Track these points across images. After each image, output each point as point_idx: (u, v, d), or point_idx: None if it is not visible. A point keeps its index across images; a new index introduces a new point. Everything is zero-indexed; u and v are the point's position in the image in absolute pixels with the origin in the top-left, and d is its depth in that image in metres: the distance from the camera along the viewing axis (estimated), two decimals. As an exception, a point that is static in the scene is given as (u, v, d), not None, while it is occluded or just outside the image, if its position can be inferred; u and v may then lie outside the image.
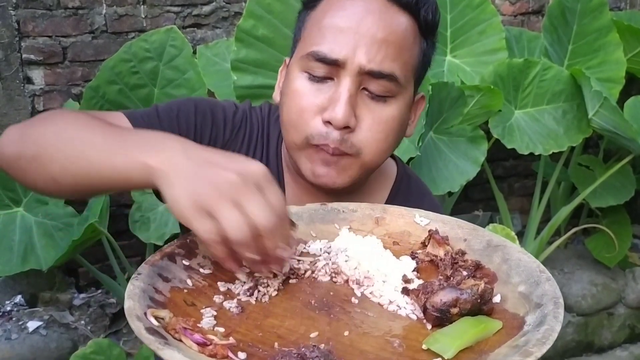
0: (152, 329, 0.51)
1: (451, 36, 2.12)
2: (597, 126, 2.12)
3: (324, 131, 0.75)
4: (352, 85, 0.75)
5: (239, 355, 0.53)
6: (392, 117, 0.78)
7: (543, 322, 0.54)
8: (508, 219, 2.40)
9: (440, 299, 0.58)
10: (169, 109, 0.84)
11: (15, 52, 1.90)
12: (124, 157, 0.63)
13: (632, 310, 2.48)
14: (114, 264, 1.93)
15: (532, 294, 0.60)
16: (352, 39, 0.74)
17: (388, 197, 0.91)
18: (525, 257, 0.66)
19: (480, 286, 0.58)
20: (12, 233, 1.77)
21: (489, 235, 0.71)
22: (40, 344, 1.79)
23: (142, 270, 0.60)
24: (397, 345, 0.56)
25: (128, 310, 0.53)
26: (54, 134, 0.68)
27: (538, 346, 0.51)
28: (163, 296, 0.59)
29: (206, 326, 0.57)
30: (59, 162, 0.66)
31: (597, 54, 2.20)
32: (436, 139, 2.00)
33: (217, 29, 2.14)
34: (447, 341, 0.55)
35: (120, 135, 0.67)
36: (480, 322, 0.57)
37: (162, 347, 0.49)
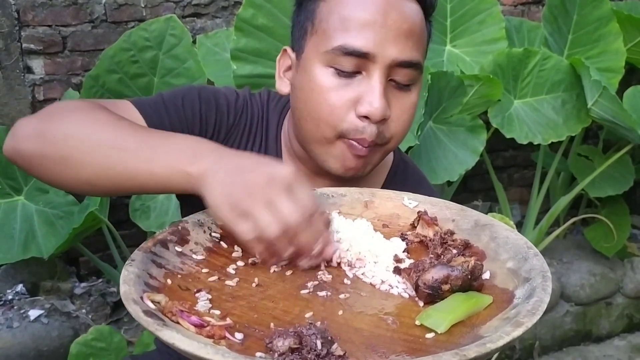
0: (149, 311, 0.52)
1: (451, 26, 2.12)
2: (596, 116, 2.12)
3: (360, 125, 0.76)
4: (382, 77, 0.76)
5: (235, 336, 0.54)
6: (414, 103, 0.81)
7: (532, 294, 0.56)
8: (507, 209, 2.41)
9: (432, 276, 0.59)
10: (174, 98, 0.84)
11: (15, 42, 1.90)
12: (163, 164, 0.66)
13: (631, 300, 2.49)
14: (115, 252, 1.94)
15: (521, 269, 0.62)
16: (380, 32, 0.74)
17: (384, 182, 0.92)
18: (512, 235, 0.67)
19: (470, 263, 0.60)
20: (13, 221, 1.78)
21: (477, 215, 0.73)
22: (41, 332, 1.81)
23: (136, 256, 0.61)
24: (391, 322, 0.57)
25: (124, 294, 0.54)
26: (83, 136, 0.69)
27: (528, 317, 0.52)
28: (157, 281, 0.60)
29: (202, 309, 0.58)
30: (92, 167, 0.68)
31: (597, 44, 2.20)
32: (435, 129, 2.00)
33: (217, 19, 2.13)
34: (439, 316, 0.56)
35: (153, 139, 0.69)
36: (471, 298, 0.59)
37: (161, 328, 0.49)
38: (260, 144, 0.89)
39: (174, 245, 0.66)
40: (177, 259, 0.65)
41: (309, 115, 0.79)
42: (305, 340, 0.50)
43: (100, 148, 0.68)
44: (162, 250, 0.64)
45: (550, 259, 2.48)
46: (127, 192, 0.73)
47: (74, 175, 0.69)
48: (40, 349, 1.78)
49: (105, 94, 1.78)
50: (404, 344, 0.54)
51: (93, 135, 0.69)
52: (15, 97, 1.93)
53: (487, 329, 0.54)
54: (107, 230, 1.88)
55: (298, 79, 0.81)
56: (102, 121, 0.70)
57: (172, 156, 0.66)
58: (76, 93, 1.88)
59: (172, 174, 0.65)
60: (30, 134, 0.71)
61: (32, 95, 1.97)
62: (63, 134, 0.69)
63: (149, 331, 0.50)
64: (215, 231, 0.71)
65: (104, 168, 0.68)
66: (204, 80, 1.86)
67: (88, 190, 0.72)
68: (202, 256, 0.67)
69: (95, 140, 0.68)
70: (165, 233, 0.67)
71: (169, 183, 0.66)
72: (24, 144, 0.71)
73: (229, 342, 0.53)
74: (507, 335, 0.49)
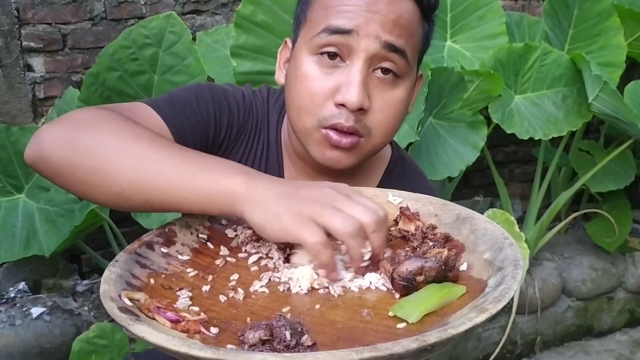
0: (124, 308, 0.53)
1: (451, 21, 2.12)
2: (597, 111, 2.12)
3: (336, 113, 0.76)
4: (364, 66, 0.75)
5: (211, 330, 0.55)
6: (400, 98, 0.79)
7: (501, 282, 0.56)
8: (508, 205, 2.41)
9: (406, 268, 0.60)
10: (187, 98, 0.83)
11: (15, 40, 1.90)
12: (209, 181, 0.64)
13: (632, 295, 2.50)
14: (116, 250, 1.95)
15: (496, 259, 0.62)
16: (364, 15, 0.74)
17: (382, 178, 0.92)
18: (491, 227, 0.68)
19: (443, 253, 0.60)
20: (15, 219, 1.78)
21: (459, 209, 0.73)
22: (44, 329, 1.81)
23: (120, 257, 0.62)
24: (366, 314, 0.58)
25: (103, 293, 0.55)
26: (121, 148, 0.66)
27: (494, 303, 0.52)
28: (140, 281, 0.61)
29: (181, 306, 0.59)
30: (128, 180, 0.65)
31: (598, 39, 2.19)
32: (436, 124, 2.00)
33: (217, 15, 2.13)
34: (411, 307, 0.57)
35: (193, 157, 0.68)
36: (444, 288, 0.59)
37: (133, 323, 0.50)
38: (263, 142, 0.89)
39: (159, 247, 0.66)
40: (162, 259, 0.65)
41: (292, 105, 0.80)
42: (276, 331, 0.51)
43: (141, 161, 0.66)
44: (147, 252, 0.65)
45: (552, 254, 2.48)
46: (158, 208, 0.69)
47: (106, 187, 0.67)
48: (43, 347, 1.79)
49: (105, 92, 1.78)
50: (375, 334, 0.55)
51: (132, 148, 0.66)
52: (16, 95, 1.94)
53: (456, 318, 0.54)
54: (108, 227, 1.88)
55: (289, 68, 0.82)
56: (137, 133, 0.68)
57: (219, 174, 0.65)
58: (76, 91, 1.88)
59: (217, 190, 0.64)
60: (59, 142, 0.68)
61: (32, 93, 1.97)
62: (97, 143, 0.67)
63: (121, 325, 0.51)
64: (203, 232, 0.71)
65: (141, 181, 0.65)
66: (204, 77, 1.85)
67: (119, 203, 0.68)
68: (187, 256, 0.68)
69: (133, 152, 0.66)
70: (151, 235, 0.68)
71: (212, 200, 0.64)
72: (51, 151, 0.68)
73: (204, 337, 0.54)
74: (469, 321, 0.49)
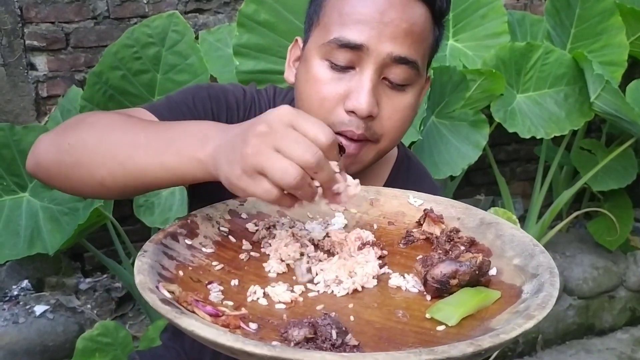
0: (166, 300, 0.53)
1: (453, 20, 2.12)
2: (599, 110, 2.12)
3: (346, 119, 0.77)
4: (374, 74, 0.76)
5: (250, 326, 0.54)
6: (409, 104, 0.80)
7: (541, 289, 0.57)
8: (510, 203, 2.41)
9: (441, 271, 0.60)
10: (185, 98, 0.84)
11: (18, 39, 1.91)
12: (174, 155, 0.63)
13: (633, 293, 2.50)
14: (119, 248, 1.95)
15: (528, 266, 0.63)
16: (376, 27, 0.75)
17: (388, 177, 0.92)
18: (518, 233, 0.69)
19: (478, 259, 0.61)
20: (19, 218, 1.79)
21: (482, 213, 0.74)
22: (47, 327, 1.82)
23: (148, 247, 0.61)
24: (401, 315, 0.58)
25: (140, 283, 0.54)
26: (96, 138, 0.68)
27: (539, 310, 0.53)
28: (170, 272, 0.61)
29: (215, 300, 0.58)
30: (105, 167, 0.67)
31: (600, 37, 2.19)
32: (438, 123, 2.00)
33: (219, 14, 2.14)
34: (450, 310, 0.57)
35: (160, 132, 0.67)
36: (480, 292, 0.60)
37: (180, 316, 0.50)
38: None
39: (183, 238, 0.66)
40: (187, 251, 0.65)
41: (302, 107, 0.80)
42: (320, 330, 0.51)
43: (111, 147, 0.67)
44: (173, 243, 0.65)
45: (553, 252, 2.48)
46: (141, 190, 0.70)
47: (88, 179, 0.69)
48: (46, 344, 1.79)
49: (108, 91, 1.79)
50: (416, 336, 0.55)
51: (104, 137, 0.68)
52: (19, 94, 1.94)
53: (498, 322, 0.55)
54: (111, 226, 1.89)
55: (299, 69, 0.83)
56: (113, 123, 0.70)
57: (181, 144, 0.63)
58: (79, 90, 1.88)
59: (182, 162, 0.63)
60: (48, 147, 0.72)
61: (35, 91, 1.97)
62: (76, 140, 0.69)
63: (167, 318, 0.50)
64: (224, 226, 0.72)
65: (115, 166, 0.66)
66: (206, 77, 1.86)
67: (103, 193, 0.71)
68: (211, 249, 0.68)
69: (106, 141, 0.68)
70: (175, 226, 0.67)
71: (183, 173, 0.63)
72: (44, 156, 0.72)
73: (244, 332, 0.53)
74: (519, 327, 0.51)
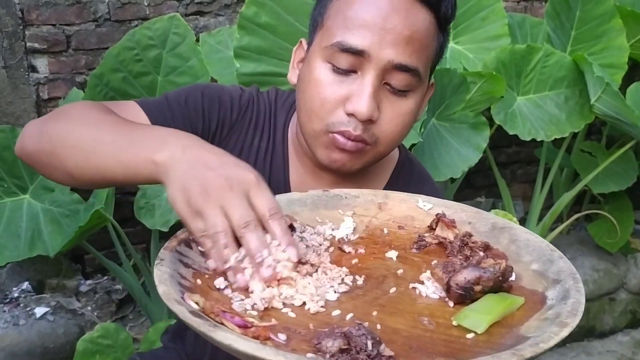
0: (195, 312, 0.51)
1: (454, 22, 2.11)
2: (599, 112, 2.12)
3: (345, 120, 0.77)
4: (375, 79, 0.76)
5: (279, 337, 0.53)
6: (409, 110, 0.80)
7: (567, 295, 0.57)
8: (510, 206, 2.41)
9: (464, 277, 0.59)
10: (178, 97, 0.86)
11: (19, 41, 1.91)
12: (131, 154, 0.67)
13: (634, 296, 2.50)
14: (120, 250, 1.95)
15: (548, 271, 0.63)
16: (378, 33, 0.75)
17: (389, 180, 0.92)
18: (533, 237, 0.68)
19: (502, 264, 0.60)
20: (19, 220, 1.79)
21: (493, 217, 0.73)
22: (47, 329, 1.82)
23: (164, 256, 0.60)
24: (427, 322, 0.57)
25: (165, 295, 0.53)
26: (68, 131, 0.73)
27: (571, 317, 0.54)
28: (188, 281, 0.59)
29: (238, 310, 0.56)
30: (72, 159, 0.71)
31: (600, 40, 2.19)
32: (438, 126, 2.00)
33: (220, 17, 2.14)
34: (477, 317, 0.56)
35: (128, 132, 0.70)
36: (506, 299, 0.59)
37: (214, 329, 0.48)
38: (267, 139, 0.90)
39: (196, 245, 0.65)
40: (201, 258, 0.64)
41: (303, 107, 0.81)
42: (355, 340, 0.50)
43: (80, 141, 0.71)
44: (187, 250, 0.64)
45: (554, 255, 2.48)
46: (105, 184, 0.75)
47: (60, 168, 0.73)
48: (47, 346, 1.79)
49: (109, 93, 1.79)
50: (445, 344, 0.54)
51: (75, 130, 0.72)
52: (20, 96, 1.94)
53: (528, 329, 0.55)
54: (112, 228, 1.89)
55: (303, 70, 0.83)
56: (90, 118, 0.74)
57: (141, 145, 0.67)
58: (80, 92, 1.89)
59: (138, 162, 0.66)
60: (32, 134, 0.76)
61: (36, 94, 1.98)
62: (55, 130, 0.73)
63: (199, 332, 0.49)
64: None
65: (81, 160, 0.70)
66: (207, 79, 1.86)
67: (71, 182, 0.76)
68: None
69: (77, 134, 0.72)
70: (186, 232, 0.66)
71: (137, 172, 0.67)
72: (26, 142, 0.77)
73: (275, 343, 0.52)
74: (556, 336, 0.51)
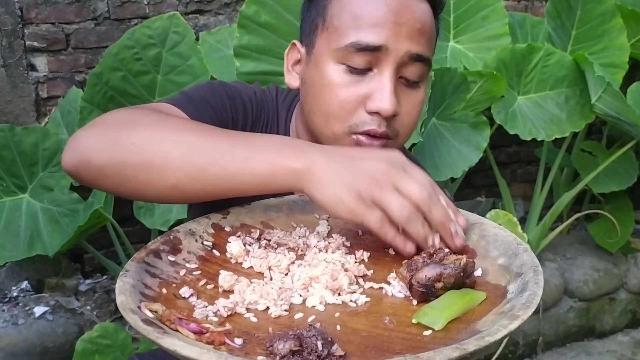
0: (148, 320, 0.52)
1: (454, 22, 2.12)
2: (600, 112, 2.12)
3: (368, 119, 0.77)
4: (393, 74, 0.76)
5: (235, 341, 0.53)
6: (422, 99, 0.82)
7: (525, 288, 0.57)
8: (511, 205, 2.41)
9: (425, 275, 0.59)
10: (204, 96, 0.83)
11: (18, 39, 1.91)
12: (264, 162, 0.64)
13: (634, 296, 2.50)
14: (119, 250, 1.95)
15: (512, 265, 0.63)
16: (392, 28, 0.75)
17: None
18: (501, 232, 0.68)
19: (462, 260, 0.60)
20: (18, 219, 1.79)
21: (466, 214, 0.73)
22: (47, 329, 1.81)
23: (129, 267, 0.61)
24: (388, 322, 0.58)
25: (121, 304, 0.54)
26: (169, 140, 0.66)
27: (523, 309, 0.53)
28: (153, 291, 0.60)
29: (199, 317, 0.58)
30: (182, 170, 0.65)
31: (601, 39, 2.19)
32: (439, 125, 2.00)
33: (220, 15, 2.13)
34: (435, 314, 0.57)
35: (243, 139, 0.67)
36: (466, 294, 0.59)
37: (162, 336, 0.49)
38: None
39: (166, 255, 0.66)
40: (170, 268, 0.65)
41: (319, 111, 0.80)
42: (306, 342, 0.50)
43: (189, 150, 0.65)
44: (155, 260, 0.64)
45: (554, 254, 2.48)
46: (216, 195, 0.68)
47: (159, 181, 0.66)
48: (46, 346, 1.79)
49: (108, 92, 1.79)
50: (402, 342, 0.54)
51: (179, 138, 0.66)
52: (19, 95, 1.94)
53: (484, 324, 0.55)
54: (111, 227, 1.88)
55: (309, 74, 0.82)
56: (181, 124, 0.68)
57: (272, 153, 0.65)
58: (80, 91, 1.88)
59: (274, 170, 0.64)
60: (101, 143, 0.67)
61: (35, 92, 1.97)
62: (142, 139, 0.66)
63: (149, 339, 0.50)
64: (207, 240, 0.71)
65: (195, 170, 0.65)
66: (207, 78, 1.86)
67: (172, 196, 0.68)
68: (195, 264, 0.67)
69: (182, 143, 0.66)
70: (157, 243, 0.66)
71: (272, 181, 0.65)
72: (94, 153, 0.67)
73: (229, 348, 0.53)
74: (504, 328, 0.50)
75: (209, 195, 0.68)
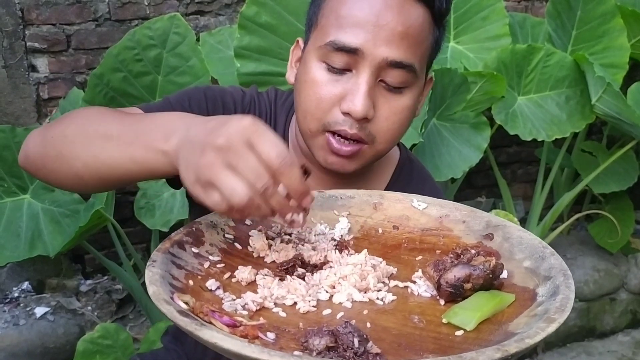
0: (183, 311, 0.51)
1: (454, 22, 2.12)
2: (600, 112, 2.12)
3: (341, 119, 0.77)
4: (370, 77, 0.76)
5: (268, 336, 0.53)
6: (406, 106, 0.80)
7: (557, 292, 0.57)
8: (511, 205, 2.41)
9: (454, 275, 0.59)
10: (181, 99, 0.85)
11: (19, 40, 1.91)
12: (141, 147, 0.63)
13: (634, 296, 2.50)
14: (120, 250, 1.95)
15: (539, 268, 0.63)
16: (371, 31, 0.74)
17: (390, 180, 0.92)
18: (526, 235, 0.68)
19: (491, 262, 0.61)
20: (19, 220, 1.79)
21: (488, 216, 0.73)
22: (47, 329, 1.82)
23: (156, 257, 0.60)
24: (417, 320, 0.58)
25: (154, 295, 0.53)
26: (74, 132, 0.70)
27: (559, 313, 0.54)
28: (180, 282, 0.60)
29: (229, 310, 0.57)
30: (80, 159, 0.68)
31: (601, 40, 2.19)
32: (439, 126, 2.00)
33: (220, 16, 2.14)
34: (466, 314, 0.57)
35: (132, 124, 0.67)
36: (496, 296, 0.59)
37: (200, 328, 0.48)
38: None
39: (190, 247, 0.65)
40: (194, 260, 0.64)
41: (299, 107, 0.81)
42: (342, 338, 0.50)
43: (86, 139, 0.68)
44: (180, 252, 0.64)
45: (554, 255, 2.48)
46: (117, 183, 0.69)
47: (66, 170, 0.70)
48: (47, 346, 1.79)
49: (109, 93, 1.79)
50: (434, 341, 0.54)
51: (82, 129, 0.69)
52: (20, 96, 1.94)
53: (517, 326, 0.55)
54: (112, 227, 1.88)
55: (299, 70, 0.83)
56: (94, 116, 0.71)
57: (148, 136, 0.62)
58: (80, 92, 1.88)
59: (149, 155, 0.62)
60: (35, 140, 0.74)
61: (36, 93, 1.97)
62: (58, 132, 0.71)
63: (186, 331, 0.49)
64: (229, 232, 0.71)
65: (90, 158, 0.67)
66: (207, 79, 1.86)
67: (82, 186, 0.71)
68: (218, 257, 0.67)
69: (82, 133, 0.69)
70: (180, 234, 0.66)
71: (151, 166, 0.63)
72: (30, 150, 0.74)
73: (263, 342, 0.52)
74: (542, 331, 0.51)
75: (107, 185, 0.69)
